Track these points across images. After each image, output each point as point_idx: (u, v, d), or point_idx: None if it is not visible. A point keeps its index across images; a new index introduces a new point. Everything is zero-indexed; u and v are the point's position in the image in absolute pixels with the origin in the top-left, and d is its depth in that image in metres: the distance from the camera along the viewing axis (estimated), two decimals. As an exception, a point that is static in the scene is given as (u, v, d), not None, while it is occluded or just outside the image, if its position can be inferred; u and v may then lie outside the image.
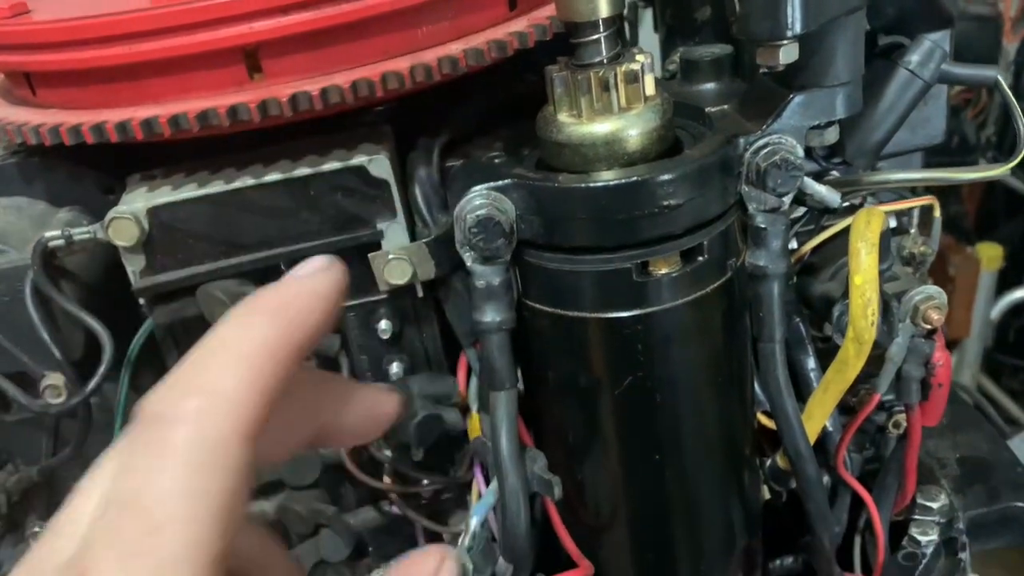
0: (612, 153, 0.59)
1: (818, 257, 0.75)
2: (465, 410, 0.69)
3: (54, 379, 0.63)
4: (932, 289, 0.69)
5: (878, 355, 0.71)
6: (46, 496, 0.69)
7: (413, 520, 0.70)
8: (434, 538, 0.72)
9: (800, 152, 0.59)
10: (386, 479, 0.68)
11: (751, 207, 0.61)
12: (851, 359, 0.62)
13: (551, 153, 0.61)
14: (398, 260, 0.62)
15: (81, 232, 0.60)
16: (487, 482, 0.69)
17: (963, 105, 2.34)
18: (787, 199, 0.60)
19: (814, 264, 0.75)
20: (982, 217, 2.54)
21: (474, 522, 0.60)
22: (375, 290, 0.64)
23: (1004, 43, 2.29)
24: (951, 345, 2.30)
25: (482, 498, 0.62)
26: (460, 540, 0.60)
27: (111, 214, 0.59)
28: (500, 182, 0.59)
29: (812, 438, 0.67)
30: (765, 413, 0.74)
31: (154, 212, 0.60)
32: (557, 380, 0.64)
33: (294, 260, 0.62)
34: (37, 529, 0.69)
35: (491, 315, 0.60)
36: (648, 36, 1.00)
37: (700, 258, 0.59)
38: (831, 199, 0.61)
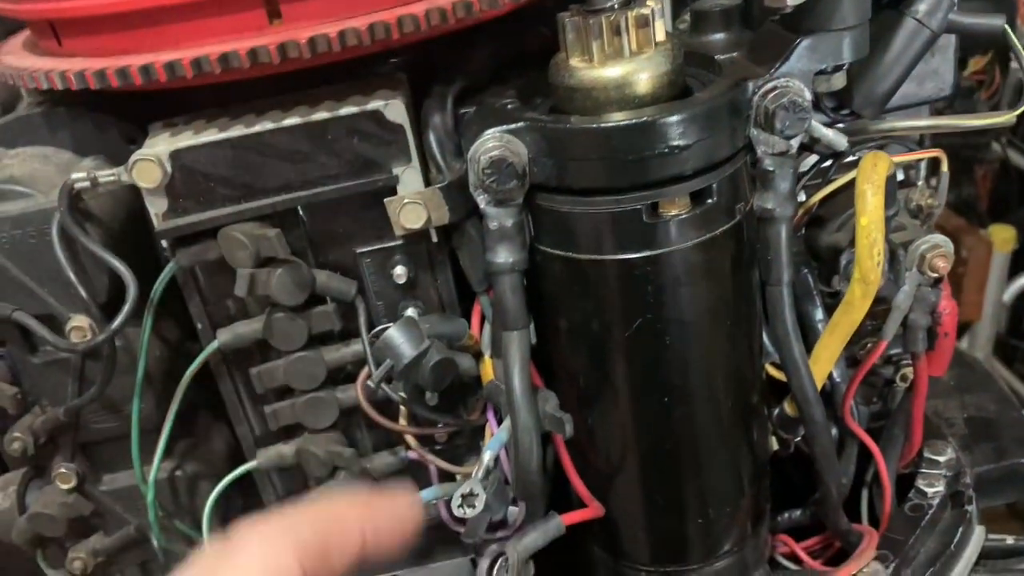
0: (623, 97, 0.60)
1: (825, 209, 0.76)
2: (479, 355, 0.70)
3: (79, 320, 0.65)
4: (938, 238, 0.70)
5: (885, 309, 0.73)
6: (72, 437, 0.71)
7: (428, 463, 0.72)
8: (448, 479, 0.73)
9: (807, 95, 0.60)
10: (401, 421, 0.70)
11: (760, 150, 0.62)
12: (857, 300, 0.64)
13: (563, 98, 0.62)
14: (413, 205, 0.63)
15: (106, 175, 0.62)
16: (500, 425, 0.71)
17: (976, 86, 2.33)
18: (795, 142, 0.61)
19: (821, 216, 0.76)
20: (995, 200, 2.53)
21: (487, 456, 0.62)
22: (391, 236, 0.66)
23: (1020, 24, 2.29)
24: (963, 328, 2.30)
25: (495, 434, 0.63)
26: (474, 472, 0.61)
27: (135, 156, 0.61)
28: (513, 125, 0.60)
29: (819, 382, 0.68)
30: (773, 364, 0.75)
31: (176, 155, 0.62)
32: (568, 323, 0.66)
33: (312, 204, 0.65)
34: (63, 470, 0.71)
35: (504, 256, 0.62)
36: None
37: (709, 200, 0.60)
38: (838, 142, 0.62)
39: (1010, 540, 0.82)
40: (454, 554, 0.80)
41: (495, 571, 0.62)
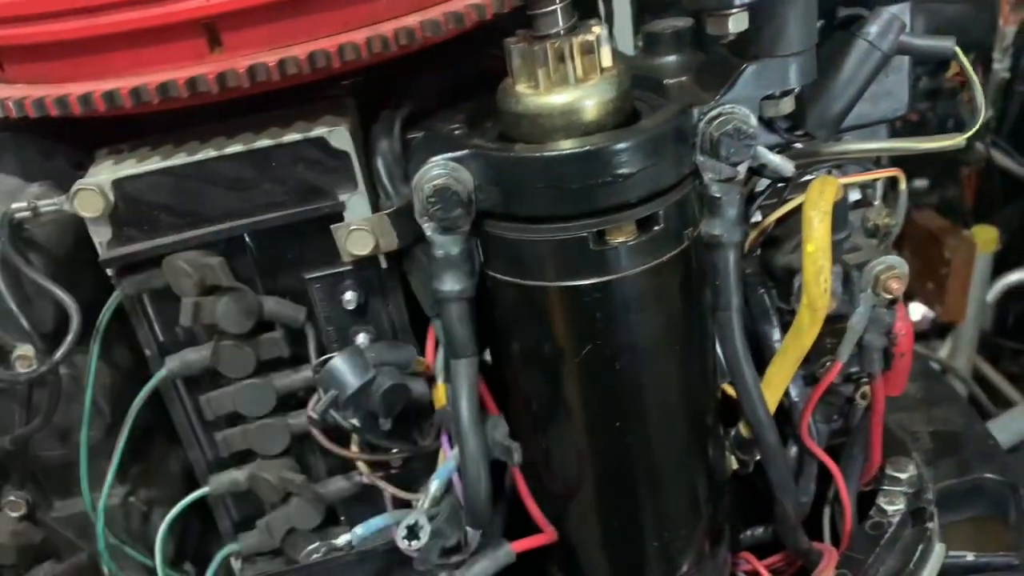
0: (569, 124, 0.60)
1: (781, 230, 0.75)
2: (433, 380, 0.70)
3: (24, 350, 0.64)
4: (893, 259, 0.70)
5: (843, 328, 0.72)
6: (20, 465, 0.70)
7: (382, 488, 0.72)
8: (403, 506, 0.73)
9: (753, 121, 0.60)
10: (354, 448, 0.69)
11: (706, 176, 0.61)
12: (805, 326, 0.63)
13: (510, 124, 0.62)
14: (360, 231, 0.63)
15: (47, 204, 0.61)
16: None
17: (960, 87, 2.33)
18: (741, 168, 0.61)
19: (777, 236, 0.76)
20: (979, 200, 2.53)
21: (434, 486, 0.61)
22: (339, 261, 0.65)
23: (1001, 25, 2.28)
24: (947, 329, 2.30)
25: (444, 464, 0.63)
26: (419, 502, 0.61)
27: (76, 186, 0.60)
28: (458, 152, 0.59)
29: (772, 405, 0.68)
30: (731, 384, 0.75)
31: (119, 184, 0.61)
32: (520, 349, 0.65)
33: (258, 231, 0.64)
34: (12, 498, 0.71)
35: (450, 284, 0.61)
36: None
37: (656, 227, 0.60)
38: (784, 168, 0.62)
39: (970, 557, 0.82)
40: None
41: (444, 604, 0.62)
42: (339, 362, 0.60)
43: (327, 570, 0.75)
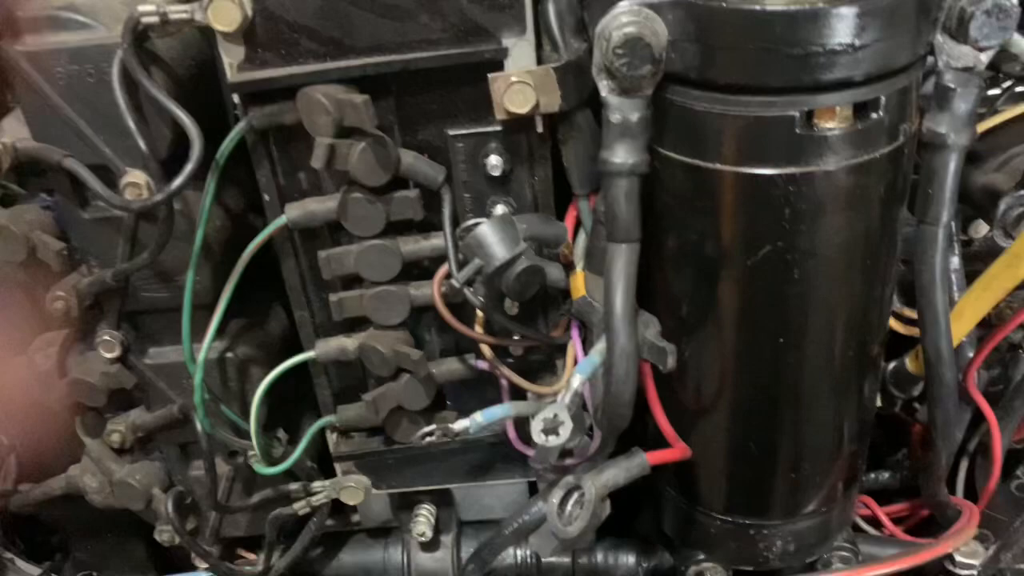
0: (792, -22, 0.50)
1: (985, 144, 0.66)
2: (569, 266, 0.62)
3: (136, 176, 0.58)
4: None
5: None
6: (119, 303, 0.65)
7: (500, 376, 0.65)
8: (518, 397, 0.67)
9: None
10: (477, 328, 0.63)
11: (941, 61, 0.52)
12: (1028, 253, 0.55)
13: (716, -26, 0.52)
14: (521, 85, 0.55)
15: (178, 10, 0.54)
16: (585, 348, 0.64)
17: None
18: (986, 56, 0.51)
19: (979, 152, 0.66)
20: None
21: (576, 381, 0.55)
22: (490, 119, 0.57)
23: None
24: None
25: (588, 356, 0.56)
26: (560, 396, 0.54)
27: (212, -8, 0.53)
28: (654, -1, 0.51)
29: (957, 340, 0.60)
30: (895, 315, 0.67)
31: (260, -3, 0.53)
32: (680, 243, 0.57)
33: (406, 71, 0.56)
34: (107, 338, 0.66)
35: (623, 156, 0.53)
36: None
37: (875, 115, 0.51)
38: (1042, 62, 0.52)
39: (1121, 535, 0.74)
40: (513, 473, 0.74)
41: (569, 505, 0.56)
42: (488, 229, 0.53)
43: (429, 455, 0.70)
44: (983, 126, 0.64)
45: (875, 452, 0.81)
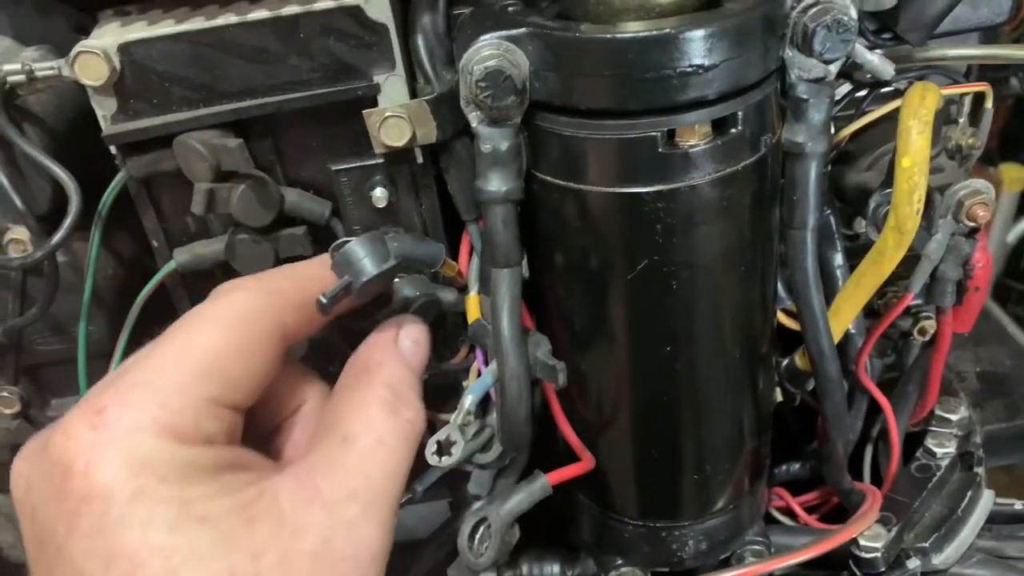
0: (642, 4, 0.52)
1: (856, 145, 0.69)
2: (464, 290, 0.64)
3: (18, 233, 0.58)
4: (979, 183, 0.63)
5: (912, 256, 0.66)
6: (13, 358, 0.65)
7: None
8: (429, 426, 0.67)
9: (854, 13, 0.52)
10: (377, 359, 0.64)
11: (793, 74, 0.54)
12: (889, 250, 0.57)
13: (573, 2, 0.54)
14: (396, 119, 0.56)
15: (44, 67, 0.54)
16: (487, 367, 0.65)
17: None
18: (834, 68, 0.54)
19: (851, 152, 0.69)
20: (1007, 138, 2.44)
21: (468, 400, 0.56)
22: (370, 153, 0.58)
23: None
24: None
25: (480, 376, 0.57)
26: (452, 417, 0.56)
27: (77, 48, 0.53)
28: (513, 31, 0.52)
29: (837, 336, 0.62)
30: (785, 312, 0.69)
31: (126, 49, 0.54)
32: (565, 261, 0.59)
33: (281, 112, 0.57)
34: (6, 394, 0.65)
35: (496, 183, 0.54)
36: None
37: (733, 130, 0.53)
38: (884, 70, 0.55)
39: (1018, 505, 0.78)
40: (438, 493, 0.75)
41: (477, 537, 0.57)
42: (356, 246, 0.53)
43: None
44: (852, 127, 0.67)
45: (791, 443, 0.83)
